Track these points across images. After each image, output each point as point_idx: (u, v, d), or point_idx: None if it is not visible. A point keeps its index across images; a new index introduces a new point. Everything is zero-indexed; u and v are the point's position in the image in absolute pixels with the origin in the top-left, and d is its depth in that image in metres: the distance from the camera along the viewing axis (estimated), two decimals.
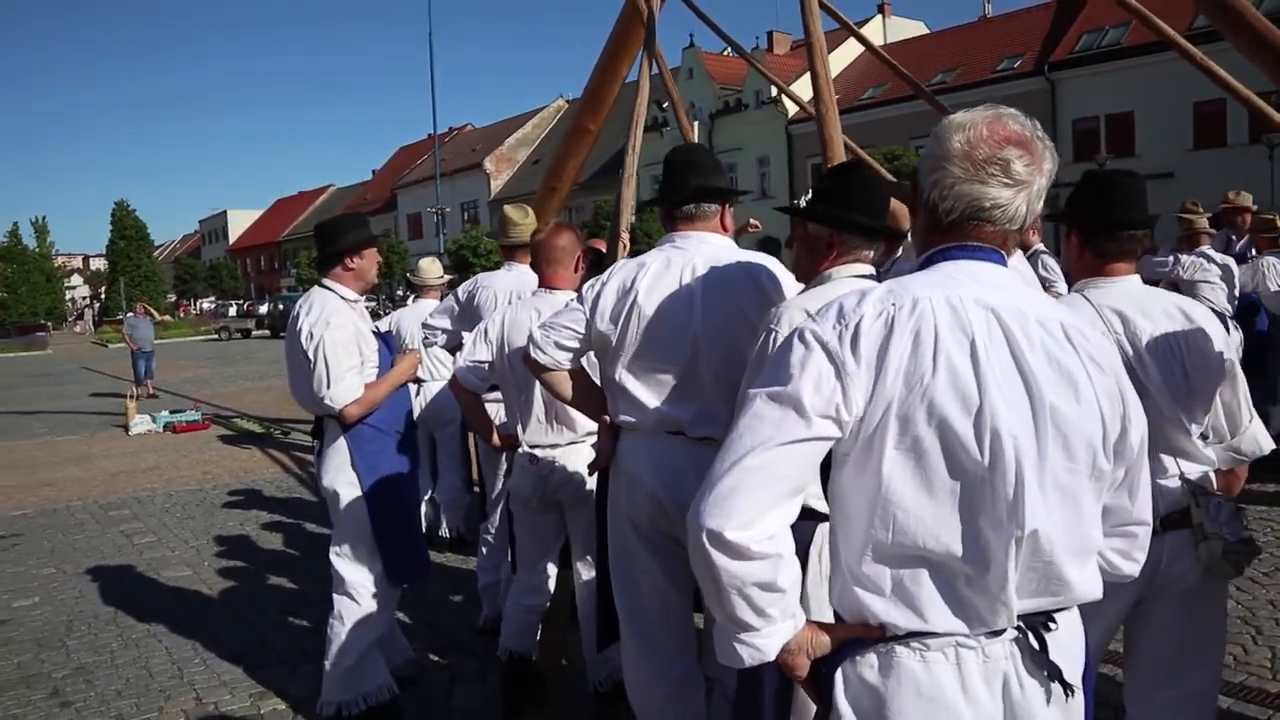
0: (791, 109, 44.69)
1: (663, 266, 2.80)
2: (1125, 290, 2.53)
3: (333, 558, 3.92)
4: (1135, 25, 29.68)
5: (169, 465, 10.46)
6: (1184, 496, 2.43)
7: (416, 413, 6.16)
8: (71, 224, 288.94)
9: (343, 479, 3.87)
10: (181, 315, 67.22)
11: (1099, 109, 33.14)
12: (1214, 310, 6.78)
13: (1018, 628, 1.53)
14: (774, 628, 1.53)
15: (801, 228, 2.56)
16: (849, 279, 2.44)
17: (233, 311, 50.79)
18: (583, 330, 2.87)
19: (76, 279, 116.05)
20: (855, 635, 1.56)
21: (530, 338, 2.95)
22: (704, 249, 2.83)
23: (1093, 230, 2.55)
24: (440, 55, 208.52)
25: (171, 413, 13.88)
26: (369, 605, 3.87)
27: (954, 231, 1.62)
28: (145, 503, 8.52)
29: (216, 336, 45.13)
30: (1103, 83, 32.56)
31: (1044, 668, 1.54)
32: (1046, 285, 8.03)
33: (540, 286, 3.81)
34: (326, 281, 4.01)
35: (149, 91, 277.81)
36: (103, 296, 77.82)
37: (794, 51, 49.14)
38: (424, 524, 6.48)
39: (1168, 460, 2.47)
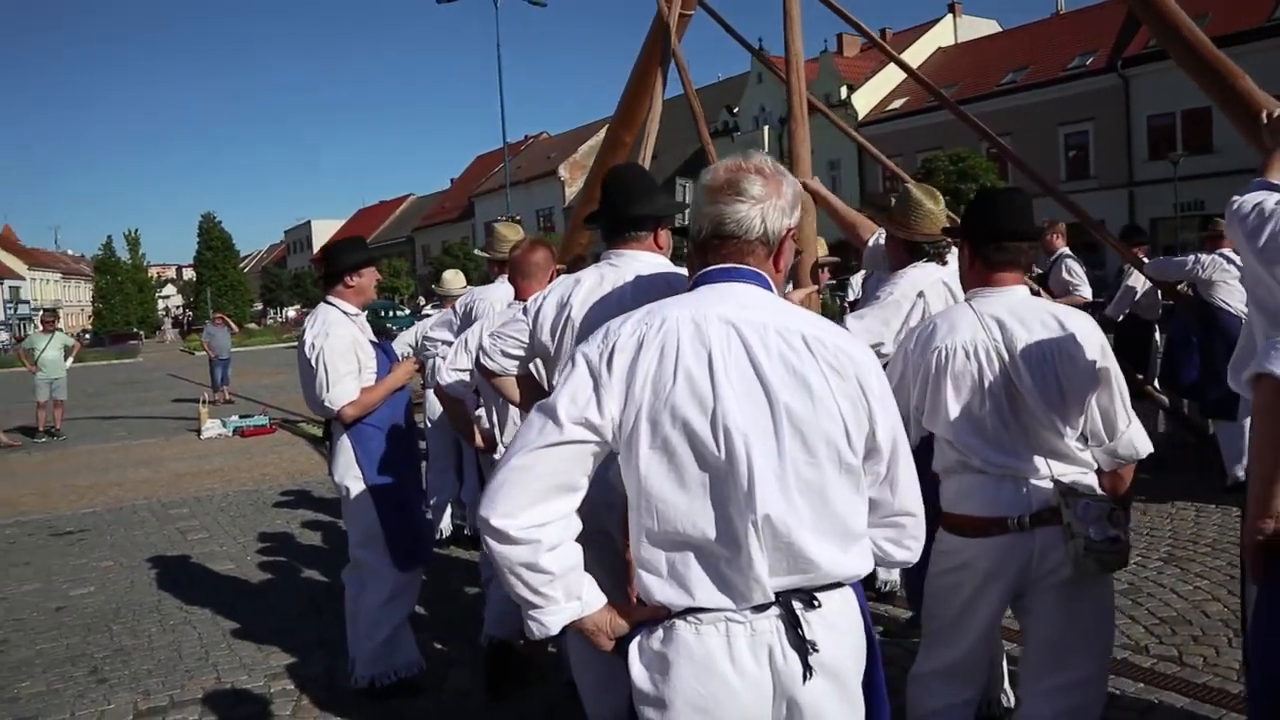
0: (861, 111, 44.45)
1: (596, 282, 3.05)
2: (1008, 300, 2.70)
3: (352, 547, 4.30)
4: (1213, 18, 28.86)
5: (231, 467, 11.05)
6: (1054, 497, 2.59)
7: (436, 416, 6.53)
8: (166, 236, 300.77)
9: (350, 474, 4.25)
10: (286, 321, 69.77)
11: (1174, 105, 32.20)
12: (1224, 303, 6.78)
13: (781, 604, 1.74)
14: (555, 608, 1.77)
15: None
16: None
17: None
18: (526, 340, 3.14)
19: (170, 289, 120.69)
20: (647, 617, 1.80)
21: (480, 345, 3.24)
22: (635, 266, 3.07)
23: (980, 241, 2.74)
24: (517, 64, 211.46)
25: (241, 417, 14.57)
26: (390, 587, 4.22)
27: (707, 250, 1.90)
28: (204, 502, 9.07)
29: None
30: (1178, 78, 30.97)
31: (801, 640, 1.74)
32: (1070, 288, 8.06)
33: (515, 299, 4.10)
34: (330, 298, 4.39)
35: (237, 108, 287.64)
36: (192, 306, 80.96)
37: (864, 53, 48.80)
38: (450, 524, 6.86)
39: (1040, 461, 2.63)
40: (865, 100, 44.39)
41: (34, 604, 6.06)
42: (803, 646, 1.74)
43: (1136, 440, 2.71)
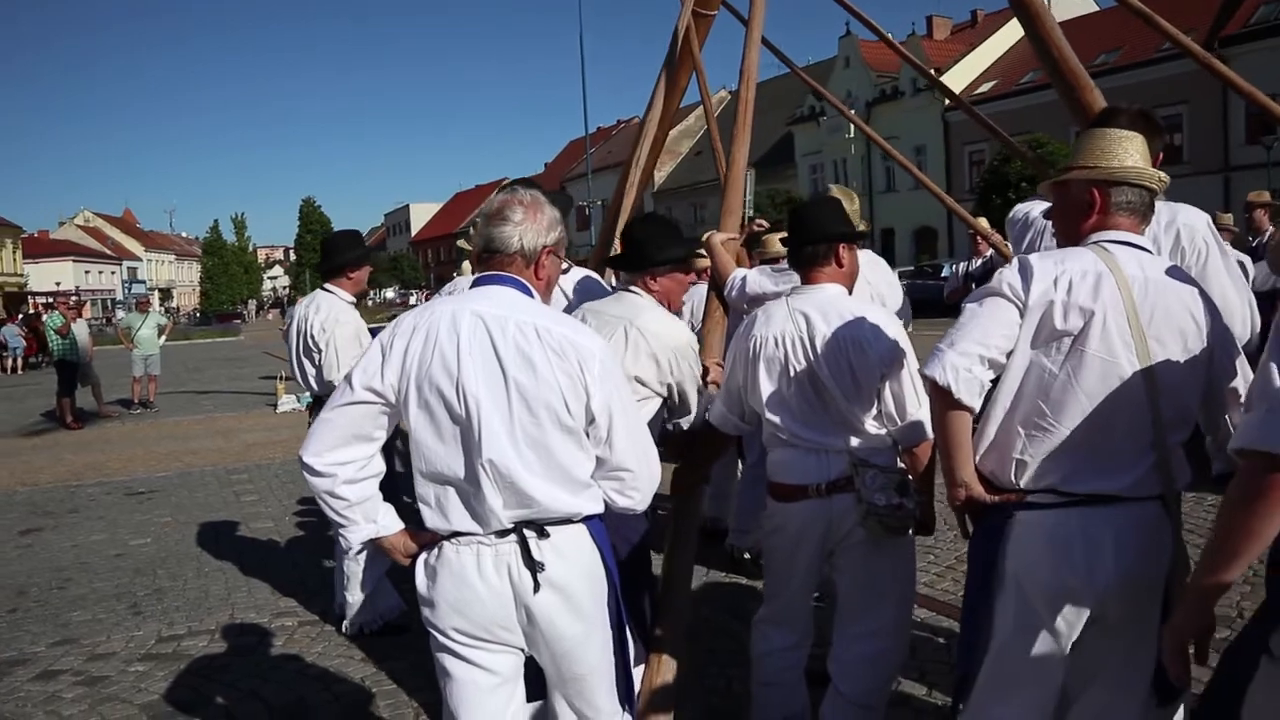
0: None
1: None
2: (818, 297, 3.12)
3: None
4: None
5: (296, 439, 11.90)
6: (848, 467, 3.04)
7: None
8: (276, 219, 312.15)
9: None
10: (383, 301, 72.39)
11: (1275, 86, 30.88)
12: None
13: (517, 532, 2.29)
14: (356, 527, 2.39)
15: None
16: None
17: (413, 300, 54.51)
18: None
19: (278, 269, 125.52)
20: (429, 540, 2.38)
21: None
22: (575, 273, 3.79)
23: (790, 251, 3.23)
24: (610, 48, 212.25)
25: None
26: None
27: (481, 261, 2.45)
28: (263, 469, 9.98)
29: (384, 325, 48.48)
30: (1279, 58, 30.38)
31: (532, 560, 2.29)
32: None
33: None
34: (329, 286, 5.04)
35: (341, 99, 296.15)
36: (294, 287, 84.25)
37: (954, 36, 48.04)
38: None
39: (840, 437, 3.06)
40: (953, 84, 43.57)
41: (98, 551, 6.97)
42: (533, 565, 2.29)
43: (925, 421, 3.12)
